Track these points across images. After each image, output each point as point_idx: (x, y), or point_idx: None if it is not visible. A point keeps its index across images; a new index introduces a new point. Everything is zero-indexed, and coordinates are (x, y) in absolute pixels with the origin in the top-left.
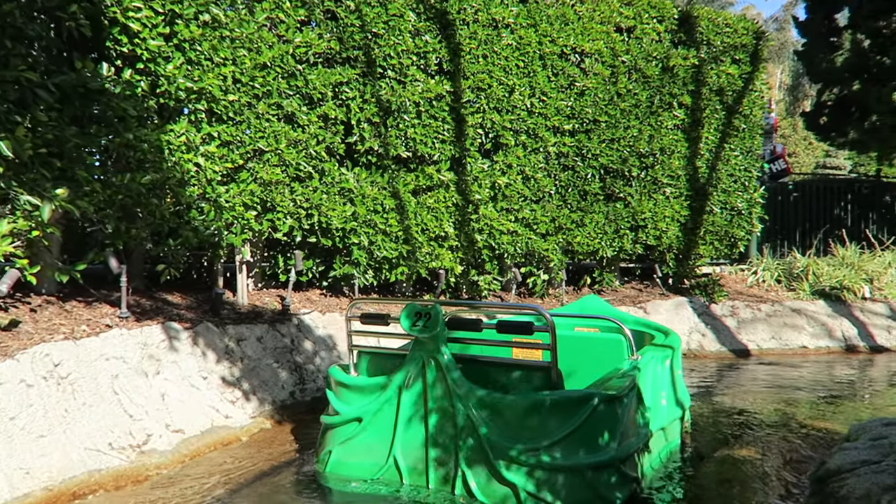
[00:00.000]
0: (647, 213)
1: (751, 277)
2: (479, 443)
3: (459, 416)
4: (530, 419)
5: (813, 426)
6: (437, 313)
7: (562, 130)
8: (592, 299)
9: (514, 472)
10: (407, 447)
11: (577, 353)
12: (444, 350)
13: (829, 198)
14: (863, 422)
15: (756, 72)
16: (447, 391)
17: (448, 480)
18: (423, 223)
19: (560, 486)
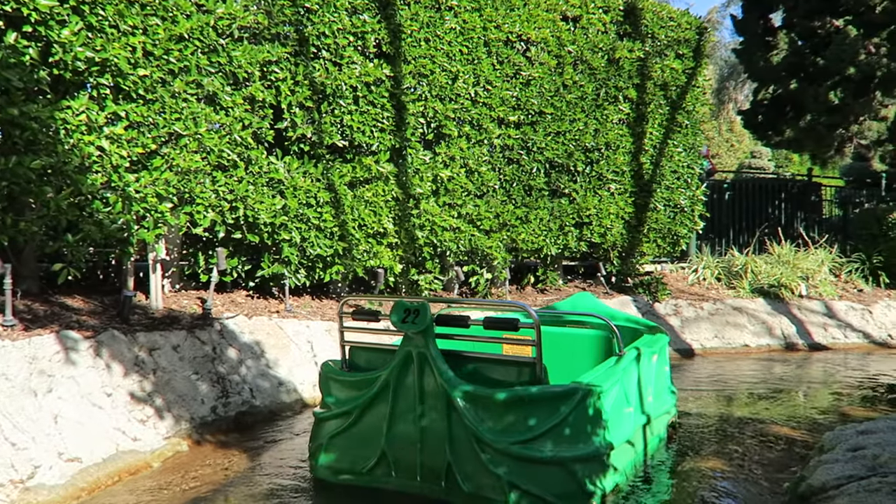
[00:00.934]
0: (592, 209)
1: (692, 276)
2: (466, 436)
3: (447, 410)
4: (516, 413)
5: (775, 432)
6: (426, 309)
7: (507, 122)
8: (584, 296)
9: (500, 464)
10: (396, 441)
11: (566, 349)
12: (432, 345)
13: (763, 197)
14: (836, 430)
15: (699, 67)
16: (436, 386)
17: (437, 473)
18: (361, 218)
19: (545, 479)
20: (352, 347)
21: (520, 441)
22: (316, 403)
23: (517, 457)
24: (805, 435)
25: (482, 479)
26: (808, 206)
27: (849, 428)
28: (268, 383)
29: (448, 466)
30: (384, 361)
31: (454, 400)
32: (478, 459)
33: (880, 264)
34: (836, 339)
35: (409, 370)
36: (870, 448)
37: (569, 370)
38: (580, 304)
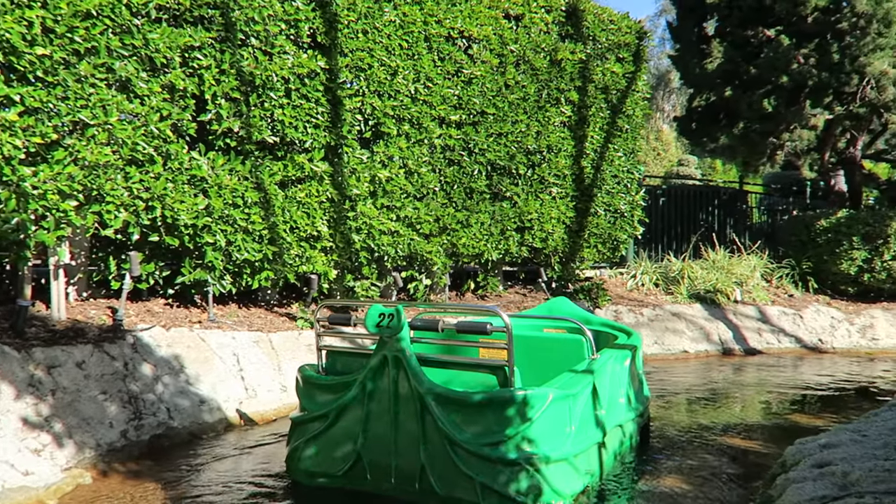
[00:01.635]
0: (534, 213)
1: (630, 281)
2: (439, 438)
3: (421, 412)
4: (488, 415)
5: (728, 443)
6: (400, 313)
7: (448, 121)
8: (561, 301)
9: (472, 466)
10: (371, 443)
11: (541, 353)
12: (406, 349)
13: (696, 203)
14: (796, 444)
15: (639, 72)
16: (410, 389)
17: (410, 475)
18: (293, 220)
19: (515, 480)
20: (328, 351)
21: (491, 443)
22: (242, 423)
23: (489, 458)
24: (759, 445)
25: (455, 481)
26: (738, 213)
27: (810, 441)
28: (188, 402)
29: (422, 468)
30: (360, 365)
31: (427, 403)
32: (450, 461)
33: (809, 270)
34: (770, 343)
35: (383, 374)
36: (837, 464)
37: (543, 373)
38: (557, 308)
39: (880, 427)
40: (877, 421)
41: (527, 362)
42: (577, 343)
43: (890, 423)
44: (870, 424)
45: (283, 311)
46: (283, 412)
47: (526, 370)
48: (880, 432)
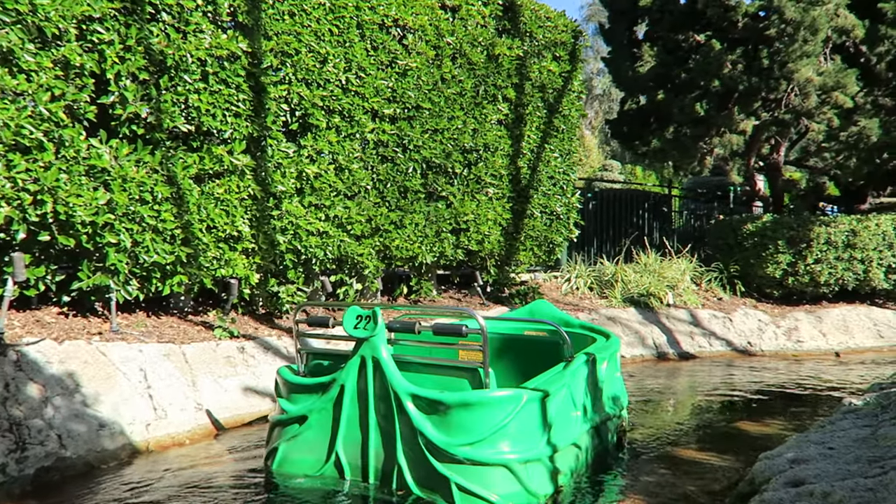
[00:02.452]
0: (470, 214)
1: (565, 285)
2: (414, 439)
3: (398, 413)
4: (463, 416)
5: (679, 454)
6: (377, 315)
7: (381, 115)
8: (541, 303)
9: (447, 466)
10: (349, 444)
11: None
12: (383, 350)
13: (626, 207)
14: (762, 459)
15: (574, 71)
16: (386, 390)
17: (387, 475)
18: (210, 219)
19: (490, 480)
20: (307, 353)
21: (466, 444)
22: (150, 448)
23: (464, 459)
24: (714, 457)
25: (431, 481)
26: (667, 217)
27: (776, 456)
28: (84, 427)
29: (399, 469)
30: (338, 366)
31: (404, 404)
32: (426, 462)
33: (737, 273)
34: (702, 347)
35: (361, 375)
36: (813, 482)
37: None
38: (538, 310)
39: (844, 439)
40: (836, 431)
41: (506, 364)
42: (555, 345)
43: (851, 432)
44: (831, 435)
45: (199, 320)
46: (198, 434)
47: (505, 372)
48: (846, 445)
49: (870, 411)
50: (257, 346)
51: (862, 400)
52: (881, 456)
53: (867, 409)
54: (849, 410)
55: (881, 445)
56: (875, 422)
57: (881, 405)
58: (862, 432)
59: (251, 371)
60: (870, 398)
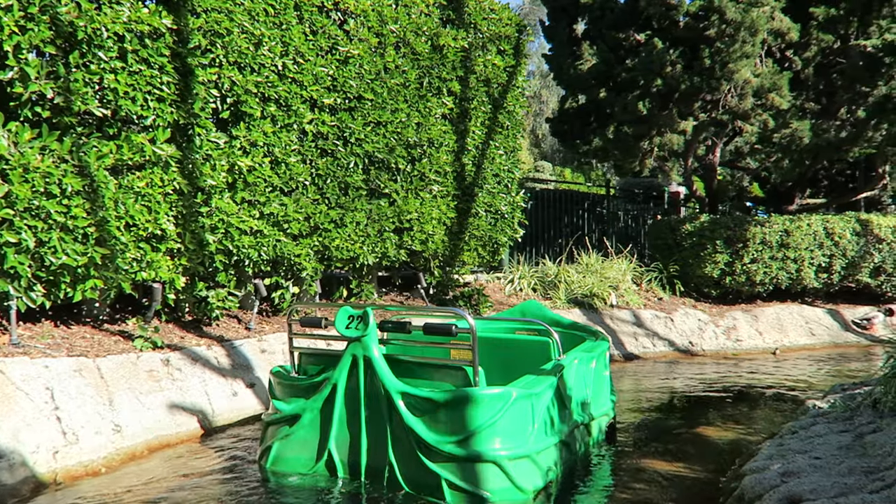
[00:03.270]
0: (414, 213)
1: (508, 286)
2: (406, 436)
3: (389, 411)
4: (452, 414)
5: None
6: (368, 315)
7: (321, 105)
8: (532, 304)
9: (437, 463)
10: (341, 441)
11: (510, 354)
12: (375, 349)
13: (566, 207)
14: (750, 474)
15: (519, 66)
16: (378, 388)
17: (379, 473)
18: (129, 216)
19: (479, 476)
20: (300, 353)
21: (455, 440)
22: (58, 480)
23: (453, 455)
24: (684, 468)
25: (421, 478)
26: (607, 217)
27: (763, 469)
28: None
29: (390, 466)
30: (331, 365)
31: (395, 402)
32: (417, 459)
33: (676, 273)
34: (646, 348)
35: (353, 374)
36: (813, 499)
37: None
38: (528, 310)
39: (827, 447)
40: (814, 438)
41: (497, 363)
42: (544, 345)
43: (831, 439)
44: (810, 443)
45: (117, 330)
46: (117, 460)
47: (496, 371)
48: (832, 454)
49: (839, 415)
50: (184, 358)
51: (826, 402)
52: (876, 466)
53: (836, 413)
54: (817, 414)
55: (871, 454)
56: (851, 426)
57: (849, 408)
58: (843, 439)
59: (177, 386)
60: (833, 400)
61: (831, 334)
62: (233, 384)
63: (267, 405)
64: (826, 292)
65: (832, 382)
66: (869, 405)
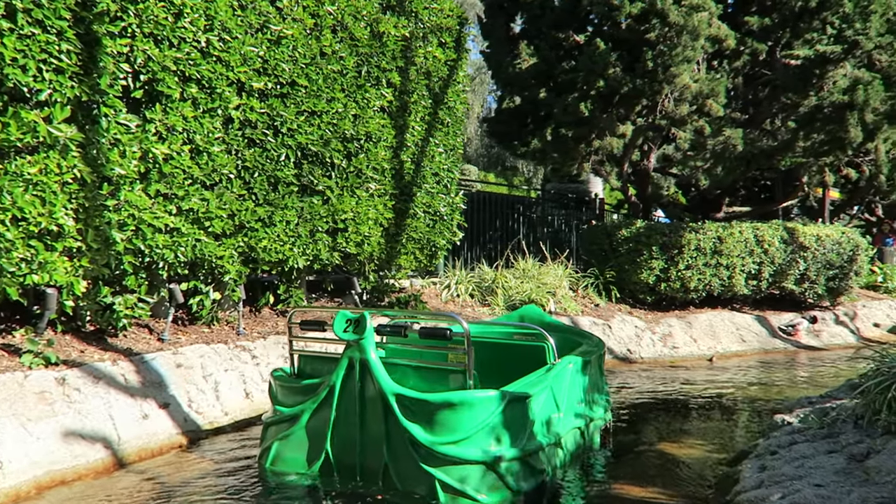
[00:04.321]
0: (349, 212)
1: (444, 292)
2: (401, 438)
3: (385, 413)
4: (446, 416)
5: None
6: (366, 319)
7: (249, 89)
8: (531, 308)
9: (432, 464)
10: (339, 442)
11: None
12: (372, 352)
13: (502, 211)
14: (744, 489)
15: (460, 60)
16: (375, 390)
17: (374, 474)
18: (18, 208)
19: (473, 478)
20: (300, 356)
21: (449, 442)
22: None
23: (447, 457)
24: (654, 492)
25: (416, 478)
26: (539, 222)
27: (765, 501)
28: None
29: (385, 466)
30: (329, 368)
31: (390, 404)
32: (411, 460)
33: (612, 279)
34: None
35: (350, 376)
36: None
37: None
38: (528, 315)
39: (823, 471)
40: (803, 460)
41: (494, 367)
42: (540, 349)
43: (823, 461)
44: (800, 464)
45: (0, 343)
46: None
47: (493, 374)
48: (832, 480)
49: (817, 432)
50: (84, 376)
51: (795, 417)
52: (891, 497)
53: (814, 430)
54: (793, 431)
55: (879, 482)
56: (837, 446)
57: (825, 423)
58: (836, 462)
59: (75, 409)
60: (803, 414)
61: (760, 341)
62: (143, 405)
63: (184, 426)
64: (754, 299)
65: (778, 391)
66: (848, 420)
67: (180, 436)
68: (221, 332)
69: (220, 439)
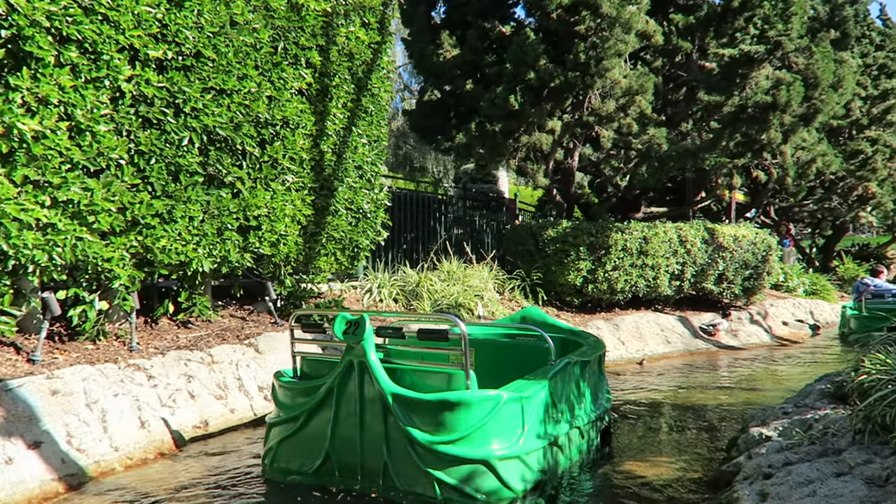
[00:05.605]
0: (263, 208)
1: (366, 297)
2: (400, 438)
3: (384, 414)
4: (444, 415)
5: None
6: (365, 321)
7: (145, 58)
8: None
9: (430, 463)
10: (340, 443)
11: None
12: (371, 354)
13: (424, 211)
14: None
15: (384, 44)
16: (374, 391)
17: (375, 473)
18: None
19: (469, 475)
20: (302, 358)
21: (447, 441)
22: None
23: (445, 456)
24: None
25: (415, 477)
26: (461, 222)
27: None
28: None
29: (385, 466)
30: (330, 370)
31: (389, 404)
32: (410, 459)
33: (539, 281)
34: None
35: (350, 378)
36: None
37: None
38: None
39: (842, 501)
40: (806, 484)
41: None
42: (540, 349)
43: (836, 486)
44: (811, 493)
45: None
46: None
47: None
48: None
49: (810, 448)
50: None
51: (773, 430)
52: None
53: (805, 446)
54: (781, 448)
55: None
56: (844, 466)
57: (814, 438)
58: (854, 488)
59: None
60: (781, 427)
61: (684, 342)
62: (5, 447)
63: (62, 469)
64: (675, 299)
65: (722, 395)
66: (841, 434)
67: (57, 482)
68: (110, 348)
69: (108, 482)
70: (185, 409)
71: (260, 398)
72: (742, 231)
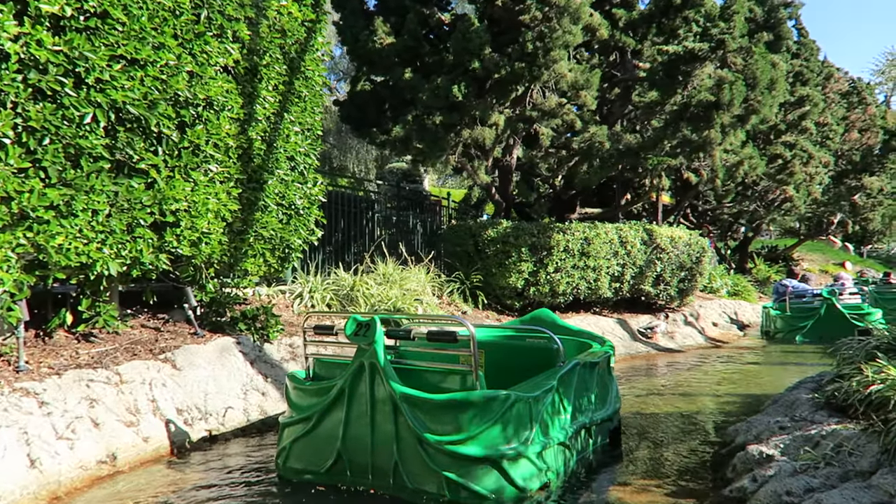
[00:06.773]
0: (182, 201)
1: (296, 302)
2: (409, 437)
3: (394, 414)
4: (453, 415)
5: None
6: (375, 323)
7: (37, 14)
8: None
9: (439, 462)
10: (351, 443)
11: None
12: (381, 355)
13: (355, 210)
14: None
15: (319, 23)
16: (384, 392)
17: (385, 472)
18: None
19: (479, 475)
20: (314, 359)
21: (456, 441)
22: None
23: (453, 455)
24: None
25: (424, 476)
26: (395, 223)
27: None
28: None
29: (395, 465)
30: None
31: (399, 405)
32: (420, 458)
33: (479, 283)
34: None
35: (361, 379)
36: None
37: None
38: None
39: None
40: None
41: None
42: (549, 351)
43: None
44: None
45: None
46: None
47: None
48: None
49: (831, 471)
50: None
51: (773, 447)
52: None
53: (822, 468)
54: (794, 471)
55: None
56: (884, 495)
57: (827, 459)
58: None
59: None
60: (783, 444)
61: (625, 345)
62: None
63: None
64: (614, 302)
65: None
66: (858, 453)
67: None
68: None
69: None
70: (88, 441)
71: (180, 422)
72: (678, 232)
